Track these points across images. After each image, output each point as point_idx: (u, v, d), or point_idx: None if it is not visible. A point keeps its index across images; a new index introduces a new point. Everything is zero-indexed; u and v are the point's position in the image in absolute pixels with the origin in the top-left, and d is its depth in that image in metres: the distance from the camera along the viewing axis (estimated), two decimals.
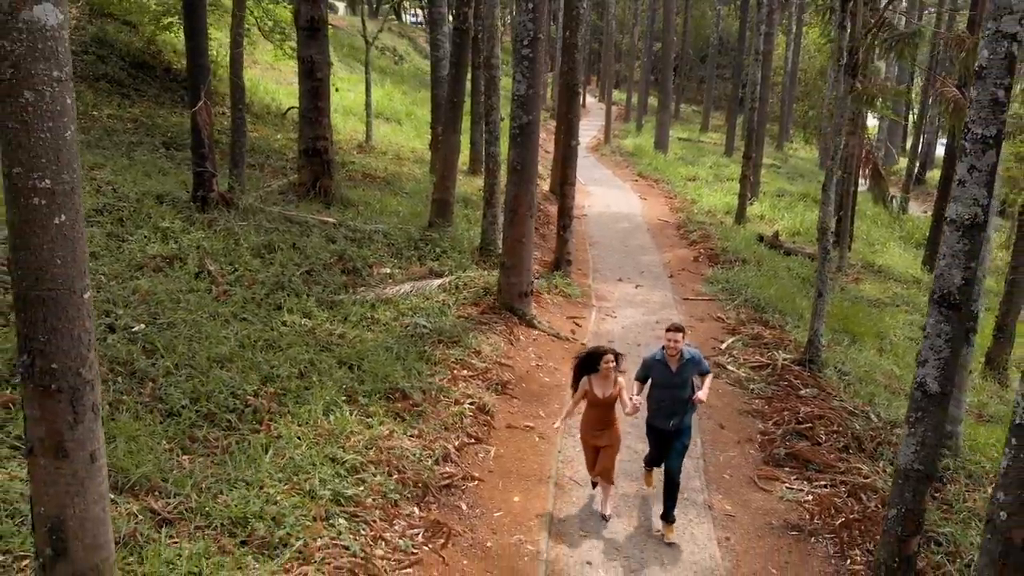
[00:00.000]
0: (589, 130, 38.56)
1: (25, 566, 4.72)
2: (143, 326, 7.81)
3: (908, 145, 39.72)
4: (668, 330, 6.69)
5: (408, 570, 5.59)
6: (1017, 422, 3.73)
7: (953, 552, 6.70)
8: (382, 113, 25.16)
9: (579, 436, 7.12)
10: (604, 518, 6.89)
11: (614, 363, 6.57)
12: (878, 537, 6.30)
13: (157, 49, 18.95)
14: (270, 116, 20.18)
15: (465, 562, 6.01)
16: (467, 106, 16.78)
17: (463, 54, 13.94)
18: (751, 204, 21.94)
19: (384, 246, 12.45)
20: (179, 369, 7.23)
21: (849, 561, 6.58)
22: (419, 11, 54.37)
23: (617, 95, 49.83)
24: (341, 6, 44.41)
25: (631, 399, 6.60)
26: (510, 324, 10.97)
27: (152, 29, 18.21)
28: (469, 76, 17.02)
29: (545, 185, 22.09)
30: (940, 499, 7.71)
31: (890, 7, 9.46)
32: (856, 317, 13.68)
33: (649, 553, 6.47)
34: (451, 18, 23.58)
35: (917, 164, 33.64)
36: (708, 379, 6.84)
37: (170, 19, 17.30)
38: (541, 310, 12.17)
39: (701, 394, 6.66)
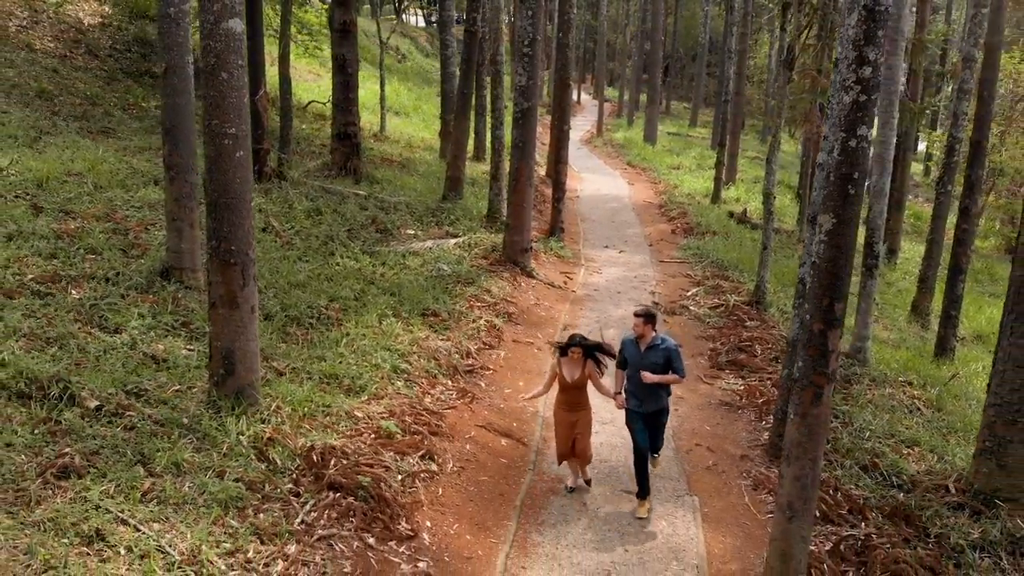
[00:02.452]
0: (583, 125, 40.99)
1: (196, 390, 7.07)
2: None
3: None
4: (634, 314, 6.98)
5: (448, 411, 8.03)
6: (820, 252, 6.04)
7: (846, 423, 9.10)
8: (391, 107, 27.50)
9: (552, 417, 7.40)
10: (570, 489, 7.27)
11: (580, 354, 7.03)
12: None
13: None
14: (292, 109, 22.49)
15: (486, 412, 8.43)
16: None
17: (472, 52, 16.28)
18: (727, 188, 24.38)
19: (407, 213, 14.86)
20: (267, 289, 9.62)
21: (764, 423, 9.00)
22: (419, 11, 56.70)
23: (610, 92, 52.30)
24: None
25: (615, 396, 7.17)
26: (513, 273, 13.40)
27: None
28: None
29: (542, 170, 24.46)
30: (846, 393, 10.12)
31: (816, 14, 11.80)
32: None
33: (616, 413, 8.85)
34: (455, 18, 25.94)
35: None
36: (671, 376, 6.85)
37: None
38: (538, 266, 14.58)
39: (649, 374, 6.79)
